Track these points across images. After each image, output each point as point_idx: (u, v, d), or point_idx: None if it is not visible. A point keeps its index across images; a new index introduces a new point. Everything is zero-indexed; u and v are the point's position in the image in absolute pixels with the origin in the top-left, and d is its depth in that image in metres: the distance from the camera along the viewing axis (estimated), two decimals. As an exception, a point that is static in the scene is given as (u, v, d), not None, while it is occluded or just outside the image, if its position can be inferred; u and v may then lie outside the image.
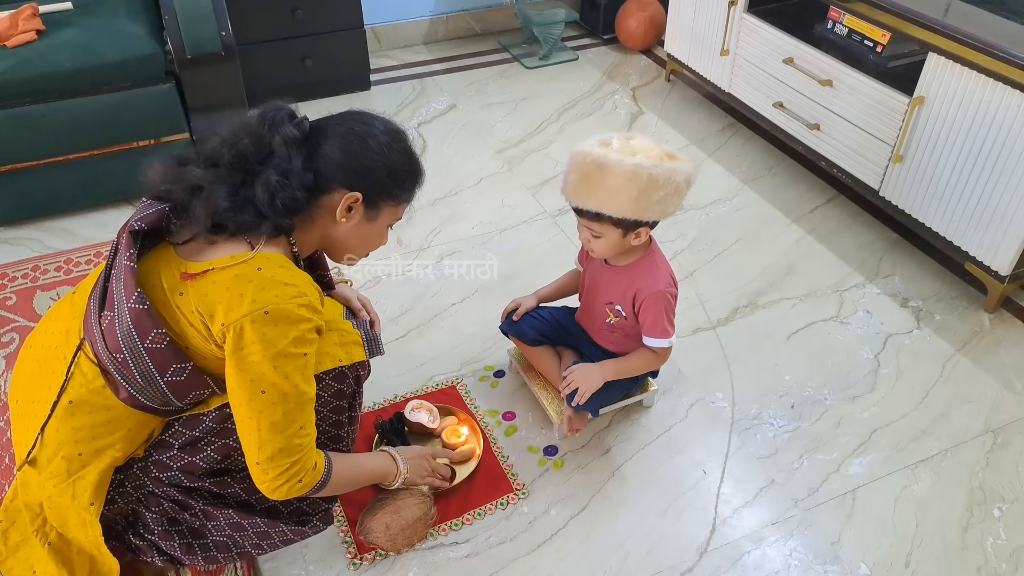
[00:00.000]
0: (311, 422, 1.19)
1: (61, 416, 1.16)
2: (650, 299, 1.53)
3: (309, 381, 1.17)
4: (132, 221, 1.15)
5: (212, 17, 2.18)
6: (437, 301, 2.07)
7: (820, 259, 2.23)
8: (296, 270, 1.18)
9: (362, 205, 1.23)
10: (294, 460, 1.16)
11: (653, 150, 1.41)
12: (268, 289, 1.10)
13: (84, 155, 2.25)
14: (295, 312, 1.11)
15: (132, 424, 1.19)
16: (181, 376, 1.15)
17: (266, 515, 1.30)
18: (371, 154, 1.20)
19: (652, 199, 1.39)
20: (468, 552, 1.49)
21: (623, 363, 1.60)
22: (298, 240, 1.23)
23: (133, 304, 1.10)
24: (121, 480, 1.23)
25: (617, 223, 1.44)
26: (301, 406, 1.16)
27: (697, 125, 2.88)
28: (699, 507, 1.58)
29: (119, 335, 1.11)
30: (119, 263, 1.13)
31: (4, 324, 1.97)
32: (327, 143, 1.20)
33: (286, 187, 1.14)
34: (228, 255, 1.13)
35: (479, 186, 2.54)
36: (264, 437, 1.14)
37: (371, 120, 1.24)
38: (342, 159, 1.19)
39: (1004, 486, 1.62)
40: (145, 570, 1.37)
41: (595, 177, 1.39)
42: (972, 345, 1.95)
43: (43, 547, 1.20)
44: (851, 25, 2.29)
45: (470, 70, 3.27)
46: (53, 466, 1.16)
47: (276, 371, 1.11)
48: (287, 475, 1.17)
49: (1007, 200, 1.85)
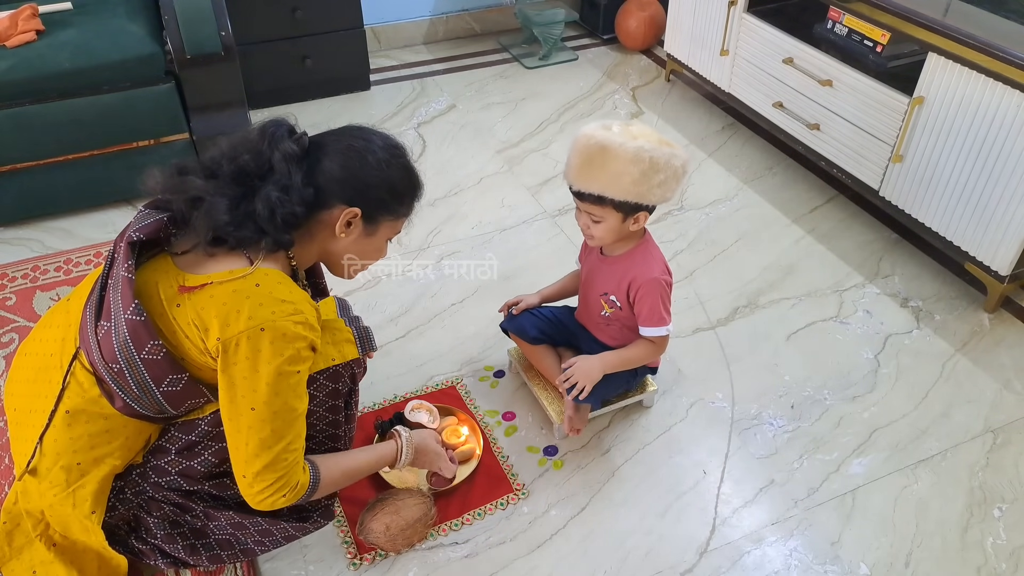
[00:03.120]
0: (300, 436, 1.19)
1: (59, 426, 1.16)
2: (645, 287, 1.54)
3: (301, 397, 1.17)
4: (130, 231, 1.14)
5: (212, 17, 2.18)
6: (437, 301, 2.07)
7: (820, 259, 2.23)
8: (294, 286, 1.17)
9: (361, 220, 1.23)
10: (279, 475, 1.16)
11: (652, 135, 1.44)
12: (265, 306, 1.10)
13: (84, 155, 2.25)
14: (291, 330, 1.11)
15: (130, 432, 1.20)
16: (177, 387, 1.15)
17: (267, 514, 1.31)
18: (370, 170, 1.21)
19: (654, 182, 1.41)
20: (468, 552, 1.49)
21: (622, 354, 1.60)
22: (297, 254, 1.23)
23: (130, 315, 1.10)
24: (121, 487, 1.23)
25: (618, 206, 1.45)
26: (290, 423, 1.16)
27: (697, 125, 2.88)
28: (699, 507, 1.58)
29: (115, 346, 1.11)
30: (116, 273, 1.13)
31: (4, 324, 1.97)
32: (327, 159, 1.20)
33: (286, 203, 1.14)
34: (227, 269, 1.13)
35: (479, 186, 2.54)
36: (251, 452, 1.14)
37: (370, 136, 1.24)
38: (341, 175, 1.19)
39: (1004, 486, 1.62)
40: (145, 570, 1.37)
41: (599, 160, 1.41)
42: (972, 345, 1.95)
43: (48, 550, 1.20)
44: (851, 25, 2.29)
45: (470, 70, 3.27)
46: (52, 476, 1.16)
47: (268, 388, 1.11)
48: (271, 489, 1.16)
49: (1007, 200, 1.85)
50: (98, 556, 1.21)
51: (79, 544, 1.21)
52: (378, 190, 1.22)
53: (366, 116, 2.88)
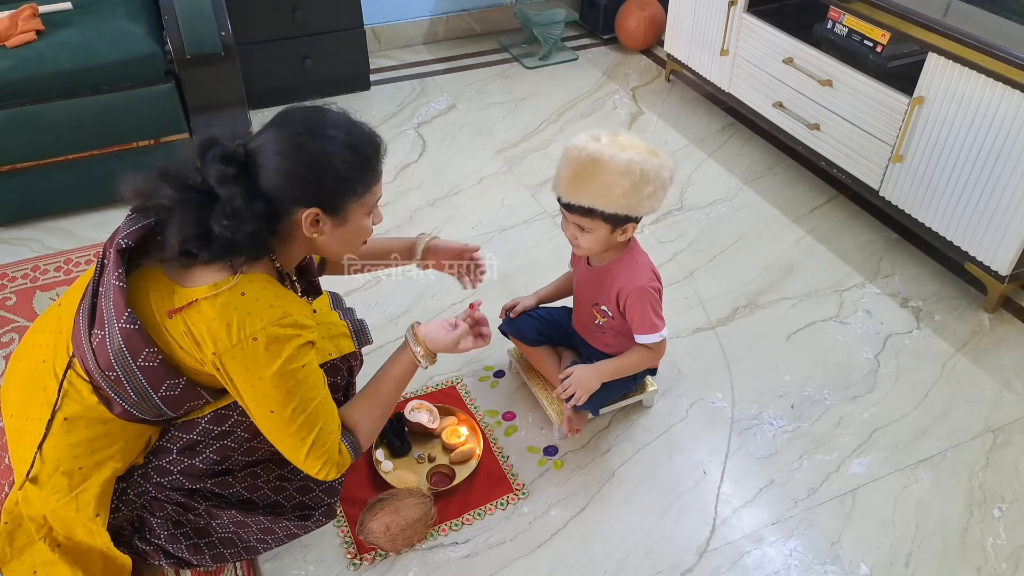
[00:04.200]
0: (331, 419, 1.21)
1: (58, 433, 1.16)
2: (633, 295, 1.53)
3: (315, 387, 1.18)
4: (119, 238, 1.14)
5: (212, 17, 2.18)
6: (437, 301, 2.07)
7: (820, 259, 2.23)
8: (280, 289, 1.16)
9: (325, 215, 1.16)
10: (325, 458, 1.20)
11: (640, 146, 1.43)
12: (253, 314, 1.09)
13: (84, 155, 2.25)
14: (283, 333, 1.11)
15: (129, 435, 1.20)
16: (175, 391, 1.15)
17: (269, 512, 1.31)
18: (312, 164, 1.11)
19: (644, 193, 1.41)
20: (468, 552, 1.49)
21: (619, 362, 1.60)
22: (280, 257, 1.21)
23: (124, 324, 1.10)
24: (124, 488, 1.23)
25: (608, 218, 1.45)
26: (315, 414, 1.17)
27: (697, 125, 2.88)
28: (699, 507, 1.58)
29: (111, 354, 1.11)
30: (108, 281, 1.12)
31: (4, 324, 1.97)
32: (266, 168, 1.11)
33: (240, 226, 1.09)
34: (211, 283, 1.11)
35: (479, 186, 2.54)
36: (290, 446, 1.18)
37: (303, 121, 1.14)
38: (285, 181, 1.11)
39: (1004, 486, 1.62)
40: (146, 570, 1.37)
41: (589, 172, 1.40)
42: (972, 345, 1.95)
43: (52, 551, 1.20)
44: (851, 25, 2.29)
45: (470, 70, 3.27)
46: (54, 482, 1.17)
47: (277, 391, 1.12)
48: (324, 469, 1.21)
49: (1007, 200, 1.85)
50: (103, 556, 1.21)
51: (83, 545, 1.21)
52: (327, 181, 1.13)
53: (366, 116, 2.81)
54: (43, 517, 1.20)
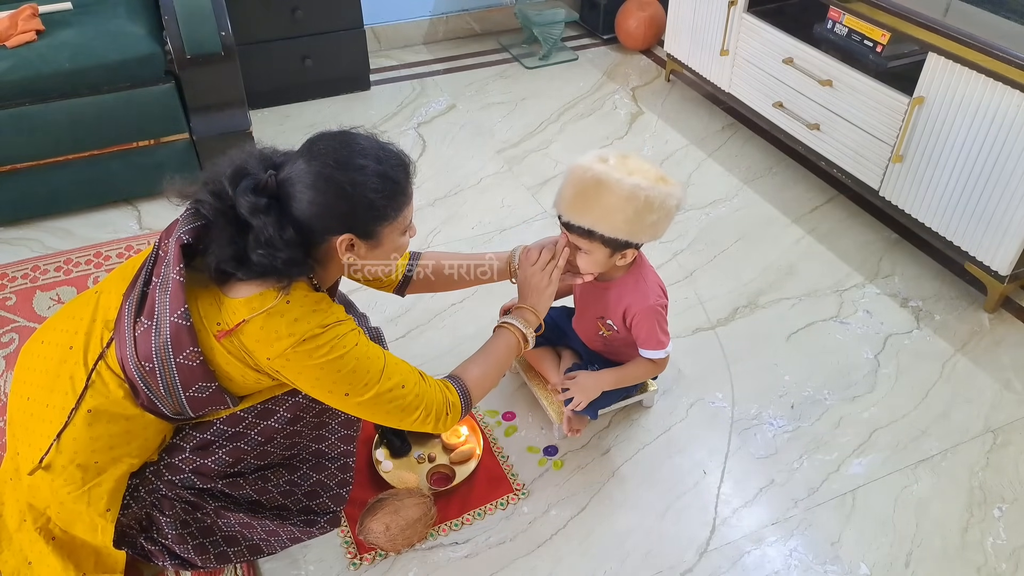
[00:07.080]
0: (405, 374, 1.26)
1: (79, 425, 1.16)
2: (640, 314, 1.53)
3: (373, 358, 1.21)
4: (180, 232, 1.15)
5: (212, 17, 2.18)
6: (437, 301, 2.07)
7: (820, 259, 2.23)
8: (319, 295, 1.19)
9: (359, 240, 1.18)
10: (421, 412, 1.25)
11: (650, 172, 1.39)
12: (300, 320, 1.13)
13: (84, 155, 2.25)
14: (330, 332, 1.15)
15: (149, 433, 1.21)
16: (204, 393, 1.17)
17: (275, 516, 1.32)
18: (344, 196, 1.13)
19: (647, 221, 1.38)
20: (468, 552, 1.49)
21: (622, 372, 1.60)
22: (316, 276, 1.22)
23: (176, 319, 1.11)
24: (136, 485, 1.23)
25: (607, 242, 1.42)
26: (388, 376, 1.22)
27: (697, 125, 2.88)
28: (699, 507, 1.58)
29: (153, 345, 1.12)
30: (167, 274, 1.13)
31: (4, 324, 1.97)
32: (297, 200, 1.13)
33: (274, 255, 1.11)
34: (256, 292, 1.13)
35: (479, 186, 2.54)
36: (385, 415, 1.24)
37: (333, 151, 1.14)
38: (318, 212, 1.13)
39: (1004, 486, 1.62)
40: (145, 569, 1.37)
41: (592, 193, 1.37)
42: (972, 345, 1.95)
43: (47, 544, 1.20)
44: (851, 25, 2.29)
45: (470, 70, 3.27)
46: (68, 473, 1.17)
47: (342, 375, 1.16)
48: (430, 421, 1.27)
49: (1007, 200, 1.85)
50: (96, 551, 1.22)
51: (78, 540, 1.21)
52: (360, 210, 1.15)
53: (366, 116, 2.88)
54: (46, 507, 1.20)
